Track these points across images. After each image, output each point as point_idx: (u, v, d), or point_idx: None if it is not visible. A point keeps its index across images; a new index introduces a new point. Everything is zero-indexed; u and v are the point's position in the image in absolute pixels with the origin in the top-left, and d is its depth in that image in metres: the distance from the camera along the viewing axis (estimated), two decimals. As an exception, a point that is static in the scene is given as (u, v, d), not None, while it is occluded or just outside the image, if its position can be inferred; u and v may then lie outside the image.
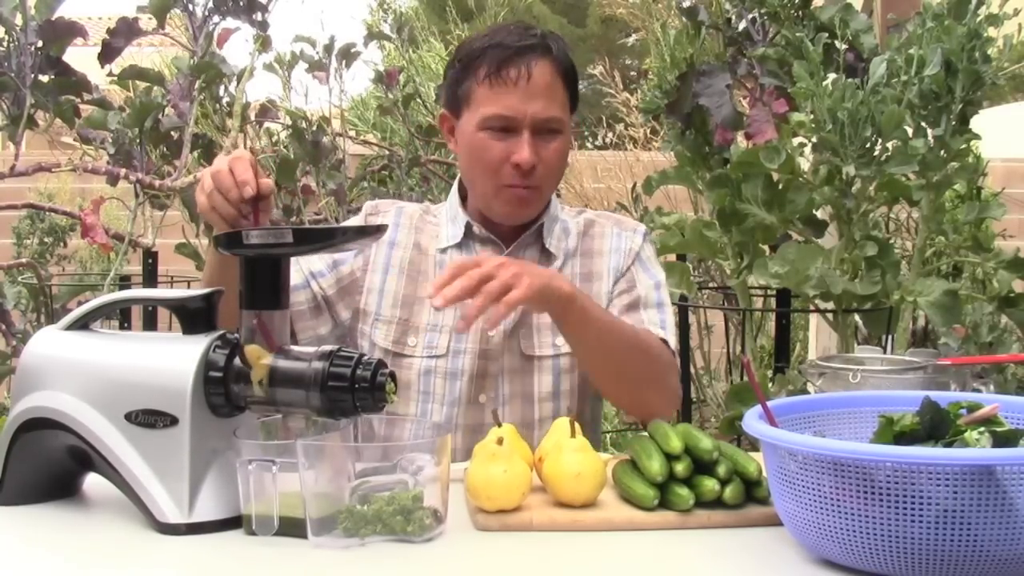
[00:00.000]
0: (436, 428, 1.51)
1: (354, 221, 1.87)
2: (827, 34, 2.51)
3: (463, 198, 1.79)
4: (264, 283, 1.25)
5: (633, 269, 1.77)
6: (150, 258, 3.20)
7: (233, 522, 1.23)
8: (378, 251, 1.77)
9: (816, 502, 1.07)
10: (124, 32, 2.69)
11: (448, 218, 1.79)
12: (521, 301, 1.43)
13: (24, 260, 3.79)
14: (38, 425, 1.29)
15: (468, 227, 1.75)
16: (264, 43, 2.90)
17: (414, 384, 1.72)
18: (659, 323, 1.71)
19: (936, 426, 1.15)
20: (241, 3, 2.81)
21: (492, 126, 1.66)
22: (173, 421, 1.23)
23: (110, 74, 2.80)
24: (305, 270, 1.72)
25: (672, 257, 3.05)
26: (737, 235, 2.60)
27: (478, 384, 1.71)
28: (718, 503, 1.26)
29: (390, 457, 1.23)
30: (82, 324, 1.35)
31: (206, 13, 2.82)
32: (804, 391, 2.04)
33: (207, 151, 3.09)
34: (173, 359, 1.25)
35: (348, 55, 3.41)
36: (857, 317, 2.62)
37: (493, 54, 1.65)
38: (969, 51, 2.28)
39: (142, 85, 2.95)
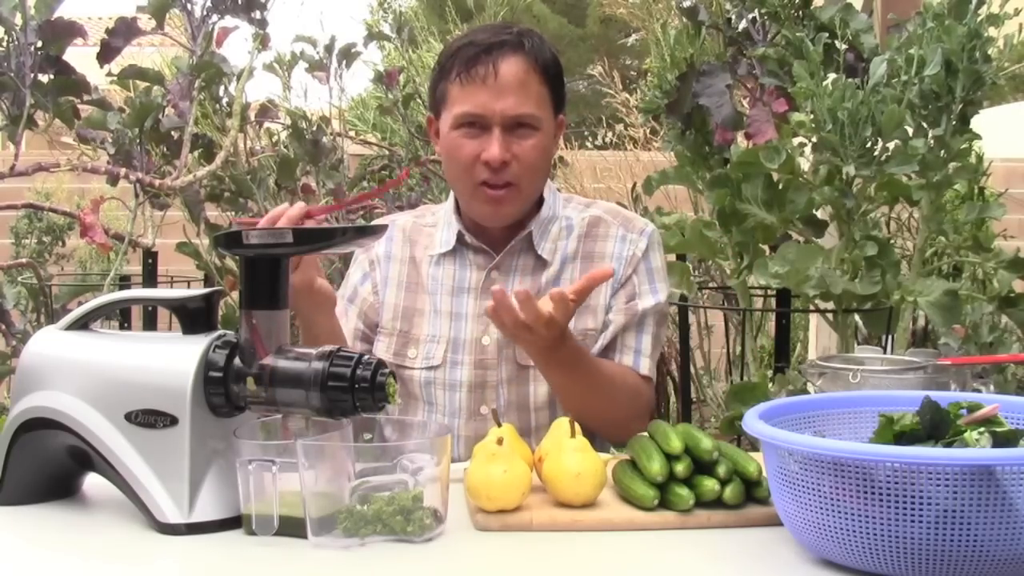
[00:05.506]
0: (436, 428, 1.51)
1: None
2: (827, 34, 2.51)
3: (458, 203, 1.79)
4: (263, 283, 1.25)
5: (635, 280, 1.73)
6: (150, 258, 3.20)
7: (233, 522, 1.23)
8: (378, 268, 1.79)
9: (816, 502, 1.07)
10: (123, 32, 2.68)
11: (445, 222, 1.79)
12: (519, 345, 1.59)
13: (24, 260, 3.79)
14: (38, 425, 1.29)
15: (460, 235, 1.75)
16: (263, 41, 2.90)
17: (418, 395, 1.74)
18: (647, 350, 1.72)
19: (936, 426, 1.15)
20: (240, 2, 2.80)
21: (464, 124, 1.65)
22: (173, 421, 1.23)
23: (109, 74, 2.80)
24: (348, 330, 1.77)
25: (672, 257, 3.05)
26: (737, 235, 2.60)
27: (478, 395, 1.71)
28: (718, 503, 1.26)
29: (390, 457, 1.23)
30: (82, 324, 1.35)
31: (204, 12, 2.81)
32: (804, 391, 2.03)
33: (207, 151, 3.09)
34: (173, 359, 1.25)
35: (348, 55, 3.41)
36: (857, 317, 2.62)
37: (463, 53, 1.65)
38: (970, 51, 2.27)
39: (142, 85, 2.95)
